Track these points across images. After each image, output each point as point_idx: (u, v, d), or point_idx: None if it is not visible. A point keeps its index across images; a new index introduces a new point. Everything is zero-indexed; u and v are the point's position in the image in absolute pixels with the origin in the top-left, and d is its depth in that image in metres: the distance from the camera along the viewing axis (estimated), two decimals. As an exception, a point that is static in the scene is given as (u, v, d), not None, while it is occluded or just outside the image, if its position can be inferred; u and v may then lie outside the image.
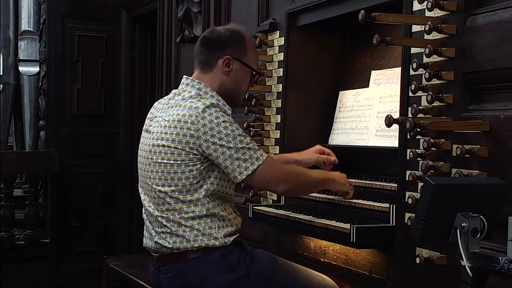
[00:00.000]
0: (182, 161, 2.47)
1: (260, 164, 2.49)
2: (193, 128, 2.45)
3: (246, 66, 2.65)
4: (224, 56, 2.60)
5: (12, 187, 6.03)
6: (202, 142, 2.45)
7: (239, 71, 2.64)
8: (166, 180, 2.51)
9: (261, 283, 2.57)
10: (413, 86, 2.46)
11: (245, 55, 2.65)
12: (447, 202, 1.89)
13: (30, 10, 6.30)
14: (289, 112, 3.48)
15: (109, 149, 6.31)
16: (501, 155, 2.19)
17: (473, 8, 2.35)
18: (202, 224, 2.51)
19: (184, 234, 2.50)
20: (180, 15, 4.75)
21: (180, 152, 2.47)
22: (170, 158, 2.49)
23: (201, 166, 2.49)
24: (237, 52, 2.62)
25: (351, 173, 3.28)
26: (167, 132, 2.50)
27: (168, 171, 2.50)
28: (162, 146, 2.51)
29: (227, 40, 2.62)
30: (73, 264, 6.01)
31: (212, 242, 2.51)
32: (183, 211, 2.50)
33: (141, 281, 3.96)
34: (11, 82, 6.38)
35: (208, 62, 2.62)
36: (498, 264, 1.77)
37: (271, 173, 2.54)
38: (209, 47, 2.63)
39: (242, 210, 3.41)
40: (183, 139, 2.47)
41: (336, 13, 3.19)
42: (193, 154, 2.47)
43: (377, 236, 2.63)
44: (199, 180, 2.50)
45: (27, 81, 6.29)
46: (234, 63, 2.61)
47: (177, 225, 2.51)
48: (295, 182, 2.65)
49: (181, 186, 2.49)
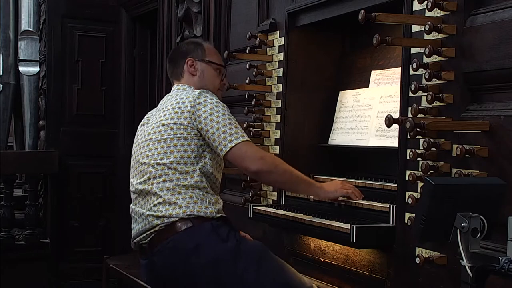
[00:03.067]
0: (181, 135, 2.69)
1: (244, 140, 2.68)
2: (190, 105, 2.70)
3: (209, 62, 2.95)
4: (187, 60, 2.93)
5: (12, 187, 6.02)
6: (196, 117, 2.68)
7: (204, 69, 2.94)
8: (166, 153, 2.69)
9: (251, 261, 2.59)
10: (413, 86, 2.46)
11: (205, 55, 2.96)
12: (447, 202, 1.89)
13: (30, 10, 6.31)
14: (289, 112, 3.48)
15: (109, 149, 6.31)
16: (501, 155, 2.19)
17: (473, 8, 2.35)
18: (195, 193, 2.66)
19: (177, 201, 2.63)
20: (180, 15, 4.75)
21: (179, 127, 2.69)
22: (170, 133, 2.70)
23: (198, 142, 2.70)
24: (197, 54, 2.95)
25: (351, 173, 3.29)
26: (165, 115, 2.74)
27: (168, 145, 2.69)
28: (162, 125, 2.73)
29: (186, 48, 3.00)
30: (73, 264, 6.02)
31: (203, 211, 2.64)
32: (179, 181, 2.66)
33: (141, 281, 3.96)
34: (11, 82, 6.39)
35: (177, 72, 2.96)
36: (498, 264, 1.77)
37: (251, 150, 2.69)
38: (174, 60, 2.99)
39: (242, 210, 3.42)
40: (181, 115, 2.70)
41: (336, 13, 3.19)
42: (191, 128, 2.69)
43: (377, 236, 2.63)
44: (196, 155, 2.69)
45: (27, 81, 6.29)
46: (197, 63, 2.93)
47: (171, 192, 2.65)
48: (271, 164, 2.70)
49: (180, 158, 2.68)
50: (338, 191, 2.82)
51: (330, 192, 2.83)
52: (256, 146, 2.80)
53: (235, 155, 2.67)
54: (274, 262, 2.66)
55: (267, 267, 2.60)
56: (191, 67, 2.92)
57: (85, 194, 6.17)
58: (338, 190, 2.82)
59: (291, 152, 3.46)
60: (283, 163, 2.77)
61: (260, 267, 2.59)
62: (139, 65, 6.34)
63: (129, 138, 6.22)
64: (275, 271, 2.61)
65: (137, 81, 6.34)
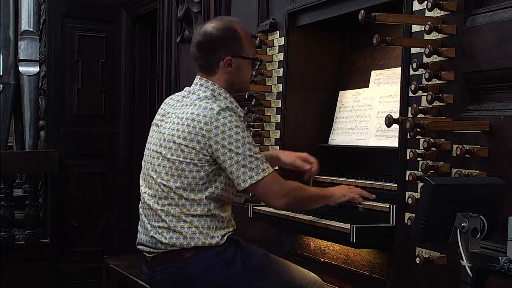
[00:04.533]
0: (191, 160, 2.49)
1: (266, 176, 2.50)
2: (205, 128, 2.47)
3: (246, 58, 2.66)
4: (225, 58, 2.60)
5: (12, 187, 6.02)
6: (212, 143, 2.47)
7: (240, 65, 2.64)
8: (173, 176, 2.52)
9: (257, 276, 2.58)
10: (413, 86, 2.46)
11: (242, 48, 2.64)
12: (447, 202, 1.89)
13: (30, 10, 6.30)
14: (289, 112, 3.48)
15: (109, 149, 6.30)
16: (501, 155, 2.19)
17: (473, 8, 2.35)
18: (202, 222, 2.52)
19: (182, 231, 2.51)
20: (180, 15, 4.75)
21: (190, 151, 2.49)
22: (180, 155, 2.51)
23: (209, 168, 2.50)
24: (235, 49, 2.62)
25: (351, 173, 3.29)
26: (179, 129, 2.52)
27: (176, 168, 2.52)
28: (173, 142, 2.53)
29: (222, 40, 2.61)
30: (73, 264, 6.01)
31: (208, 241, 2.52)
32: (185, 208, 2.52)
33: (141, 281, 3.96)
34: (11, 82, 6.38)
35: (209, 65, 2.63)
36: (498, 264, 1.77)
37: (273, 187, 2.53)
38: (206, 51, 2.63)
39: (242, 210, 3.41)
40: (194, 138, 2.48)
41: (336, 13, 3.19)
42: (203, 155, 2.49)
43: (377, 236, 2.63)
44: (205, 182, 2.51)
45: (27, 81, 6.29)
46: (234, 61, 2.62)
47: (176, 219, 2.52)
48: (294, 197, 2.63)
49: (187, 184, 2.51)
50: (346, 196, 2.81)
51: (339, 198, 2.80)
52: (277, 176, 2.58)
53: (256, 191, 2.55)
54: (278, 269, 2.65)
55: (272, 279, 2.60)
56: (229, 66, 2.61)
57: (85, 194, 6.16)
58: (346, 194, 2.81)
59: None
60: (302, 190, 2.67)
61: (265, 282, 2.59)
62: (139, 65, 6.34)
63: (129, 138, 6.24)
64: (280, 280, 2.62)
65: (137, 81, 6.34)
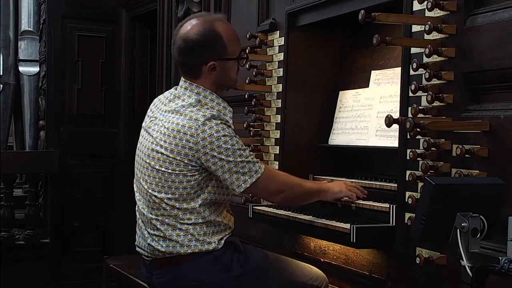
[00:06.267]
0: (180, 172, 2.46)
1: (259, 176, 2.51)
2: (192, 140, 2.44)
3: (231, 59, 2.59)
4: (208, 63, 2.54)
5: (12, 187, 6.02)
6: (201, 155, 2.44)
7: (225, 66, 2.58)
8: (163, 188, 2.50)
9: (257, 278, 2.58)
10: (413, 86, 2.45)
11: (225, 50, 2.56)
12: (447, 202, 1.89)
13: (30, 10, 6.30)
14: (289, 112, 3.48)
15: (109, 149, 6.30)
16: (501, 155, 2.19)
17: (473, 8, 2.35)
18: (197, 229, 2.51)
19: (178, 239, 2.50)
20: (180, 15, 4.75)
21: (178, 163, 2.46)
22: (168, 167, 2.48)
23: (199, 176, 2.48)
24: (217, 53, 2.55)
25: (351, 173, 3.28)
26: (166, 141, 2.48)
27: (166, 179, 2.49)
28: (160, 153, 2.49)
29: (203, 45, 2.53)
30: (73, 264, 6.01)
31: (205, 247, 2.51)
32: (178, 217, 2.50)
33: (141, 281, 3.96)
34: (11, 82, 6.38)
35: (192, 70, 2.57)
36: (498, 264, 1.77)
37: (268, 185, 2.56)
38: (188, 57, 2.56)
39: (242, 210, 3.41)
40: (182, 150, 2.45)
41: (336, 13, 3.19)
42: (192, 166, 2.46)
43: (377, 236, 2.63)
44: (196, 190, 2.49)
45: (27, 81, 6.29)
46: (218, 64, 2.55)
47: (172, 228, 2.51)
48: (291, 192, 2.66)
49: (178, 195, 2.49)
50: (343, 191, 2.81)
51: (336, 193, 2.80)
52: (270, 172, 2.60)
53: (253, 192, 2.58)
54: (278, 268, 2.65)
55: (272, 279, 2.61)
56: (213, 70, 2.55)
57: (85, 194, 6.16)
58: (343, 191, 2.81)
59: (291, 152, 3.46)
60: (298, 184, 2.70)
61: (265, 282, 2.59)
62: (139, 65, 6.34)
63: (129, 138, 6.23)
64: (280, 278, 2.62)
65: (137, 81, 6.34)
